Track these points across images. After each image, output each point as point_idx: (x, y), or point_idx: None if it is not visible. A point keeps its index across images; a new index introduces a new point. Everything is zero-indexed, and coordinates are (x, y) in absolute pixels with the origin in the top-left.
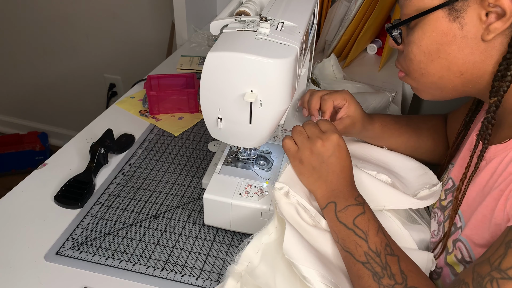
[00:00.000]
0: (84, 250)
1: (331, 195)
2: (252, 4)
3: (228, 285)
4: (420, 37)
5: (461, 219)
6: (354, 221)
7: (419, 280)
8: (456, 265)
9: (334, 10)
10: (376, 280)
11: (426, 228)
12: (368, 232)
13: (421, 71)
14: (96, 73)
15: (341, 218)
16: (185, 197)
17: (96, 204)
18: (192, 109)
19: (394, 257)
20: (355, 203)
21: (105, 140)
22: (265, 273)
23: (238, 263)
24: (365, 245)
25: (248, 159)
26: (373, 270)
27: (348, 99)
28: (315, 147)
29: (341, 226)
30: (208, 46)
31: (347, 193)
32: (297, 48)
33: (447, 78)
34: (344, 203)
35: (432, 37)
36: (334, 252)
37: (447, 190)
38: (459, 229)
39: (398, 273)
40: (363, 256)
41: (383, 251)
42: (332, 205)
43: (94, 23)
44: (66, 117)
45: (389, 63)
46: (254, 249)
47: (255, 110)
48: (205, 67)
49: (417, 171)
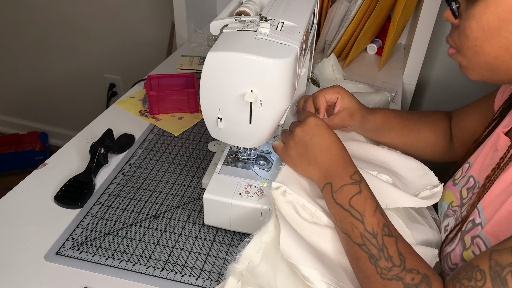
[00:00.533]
0: (84, 250)
1: (327, 175)
2: (252, 4)
3: (229, 284)
4: (482, 11)
5: (480, 215)
6: (350, 201)
7: (418, 263)
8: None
9: (334, 10)
10: (373, 262)
11: (428, 228)
12: (364, 212)
13: (476, 48)
14: (96, 73)
15: (337, 199)
16: (185, 197)
17: (96, 204)
18: (192, 109)
19: (392, 238)
20: (350, 182)
21: (105, 140)
22: (266, 271)
23: (239, 262)
24: (361, 226)
25: (248, 159)
26: (369, 252)
27: (340, 92)
28: (296, 136)
29: (338, 207)
30: (208, 46)
31: (341, 171)
32: (297, 48)
33: (502, 59)
34: (340, 183)
35: (496, 13)
36: (334, 249)
37: (469, 188)
38: (478, 226)
39: (395, 255)
40: (359, 238)
41: (380, 232)
42: (328, 187)
43: (94, 23)
44: (66, 117)
45: (389, 63)
46: (255, 248)
47: (255, 110)
48: (205, 67)
49: (417, 172)
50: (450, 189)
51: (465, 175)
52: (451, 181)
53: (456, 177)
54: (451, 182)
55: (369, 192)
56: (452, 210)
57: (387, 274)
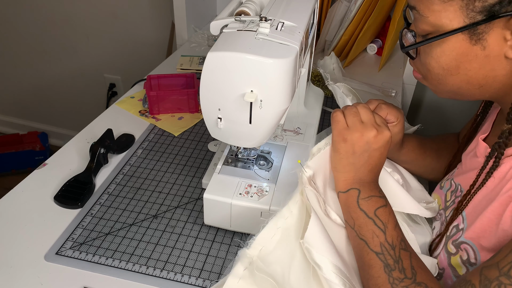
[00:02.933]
0: (84, 250)
1: (357, 182)
2: (252, 4)
3: (235, 271)
4: (438, 54)
5: (464, 221)
6: (376, 211)
7: (427, 278)
8: (459, 267)
9: (334, 10)
10: (387, 272)
11: (426, 230)
12: (387, 224)
13: (439, 81)
14: (96, 73)
15: (363, 205)
16: (185, 197)
17: (96, 204)
18: (192, 109)
19: (407, 253)
20: (379, 195)
21: (105, 140)
22: (280, 259)
23: (250, 247)
24: (382, 236)
25: (248, 159)
26: (386, 262)
27: (400, 120)
28: (367, 135)
29: (360, 213)
30: (208, 46)
31: (372, 185)
32: (297, 48)
33: (466, 89)
34: (369, 193)
35: (452, 56)
36: (346, 249)
37: (452, 191)
38: (461, 231)
39: (408, 268)
40: (378, 247)
41: (398, 245)
42: (355, 192)
43: (94, 23)
44: (66, 117)
45: (389, 63)
46: (269, 234)
47: (255, 110)
48: (205, 67)
49: (418, 186)
50: (437, 192)
51: (449, 178)
52: (438, 184)
53: (442, 180)
54: (438, 185)
55: (392, 209)
56: (439, 213)
57: (398, 284)
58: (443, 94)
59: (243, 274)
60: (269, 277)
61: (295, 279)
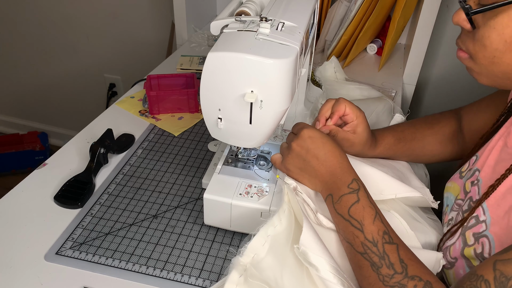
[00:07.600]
0: (84, 250)
1: (328, 187)
2: (252, 4)
3: (231, 278)
4: (505, 24)
5: (485, 213)
6: (349, 211)
7: (420, 270)
8: (473, 259)
9: (334, 10)
10: (375, 270)
11: (428, 228)
12: (363, 221)
13: (494, 59)
14: (96, 73)
15: (338, 209)
16: (185, 197)
17: (96, 204)
18: (192, 109)
19: (393, 245)
20: (348, 192)
21: (105, 140)
22: (272, 265)
23: (243, 255)
24: (361, 235)
25: (248, 159)
26: (371, 260)
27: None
28: (293, 151)
29: (339, 217)
30: (208, 46)
31: (338, 181)
32: (297, 48)
33: None
34: (338, 193)
35: None
36: (338, 251)
37: (473, 182)
38: (483, 223)
39: (397, 262)
40: (360, 247)
41: (380, 240)
42: (330, 198)
43: (94, 23)
44: (66, 117)
45: (389, 63)
46: (260, 241)
47: (255, 110)
48: (205, 67)
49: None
50: (456, 181)
51: (471, 168)
52: (458, 173)
53: (463, 169)
54: (457, 174)
55: (368, 199)
56: (457, 204)
57: (389, 281)
58: (489, 78)
59: (239, 281)
60: (263, 283)
61: (289, 284)
